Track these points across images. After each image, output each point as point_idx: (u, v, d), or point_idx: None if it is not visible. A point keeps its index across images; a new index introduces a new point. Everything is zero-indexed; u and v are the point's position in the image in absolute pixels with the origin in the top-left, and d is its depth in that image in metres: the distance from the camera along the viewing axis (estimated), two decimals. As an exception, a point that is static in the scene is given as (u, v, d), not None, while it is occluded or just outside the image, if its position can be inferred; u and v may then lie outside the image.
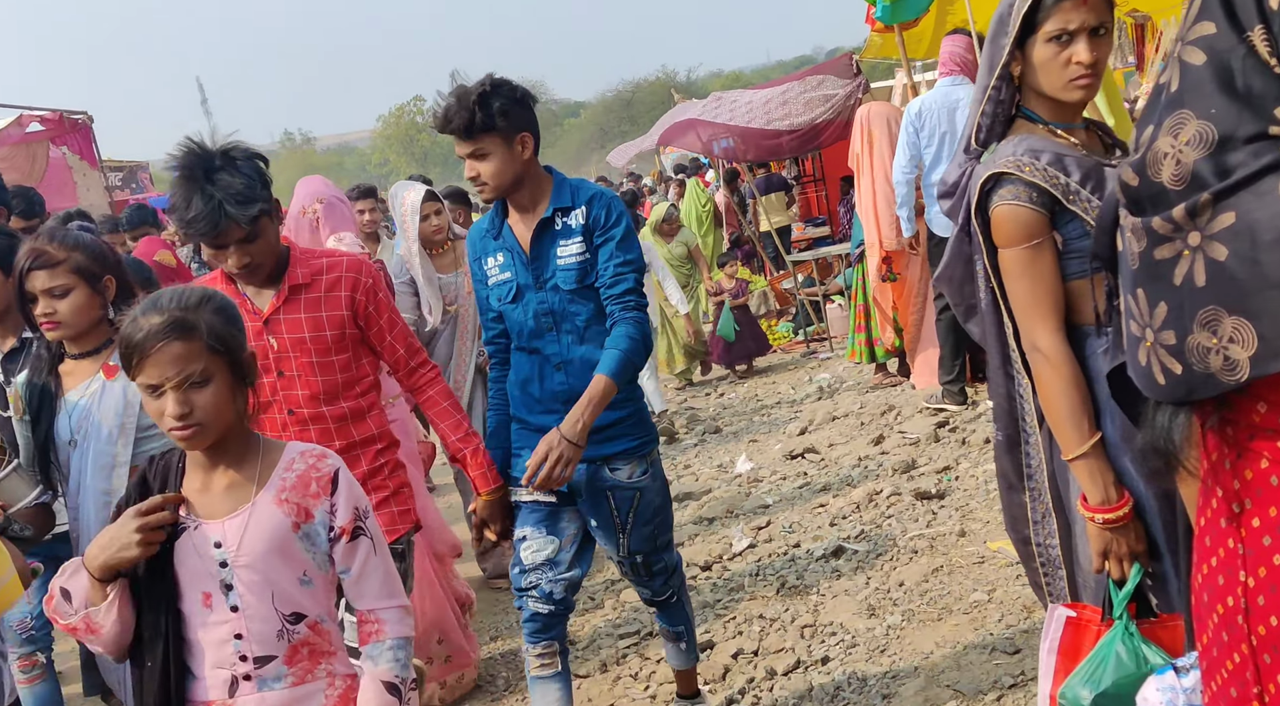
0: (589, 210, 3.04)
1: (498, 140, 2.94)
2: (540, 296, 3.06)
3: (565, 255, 3.03)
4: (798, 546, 5.04)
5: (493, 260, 3.14)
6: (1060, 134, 2.35)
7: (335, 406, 2.98)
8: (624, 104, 52.75)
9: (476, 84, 2.95)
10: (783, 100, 10.29)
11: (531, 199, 3.07)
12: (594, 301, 3.06)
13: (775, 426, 7.74)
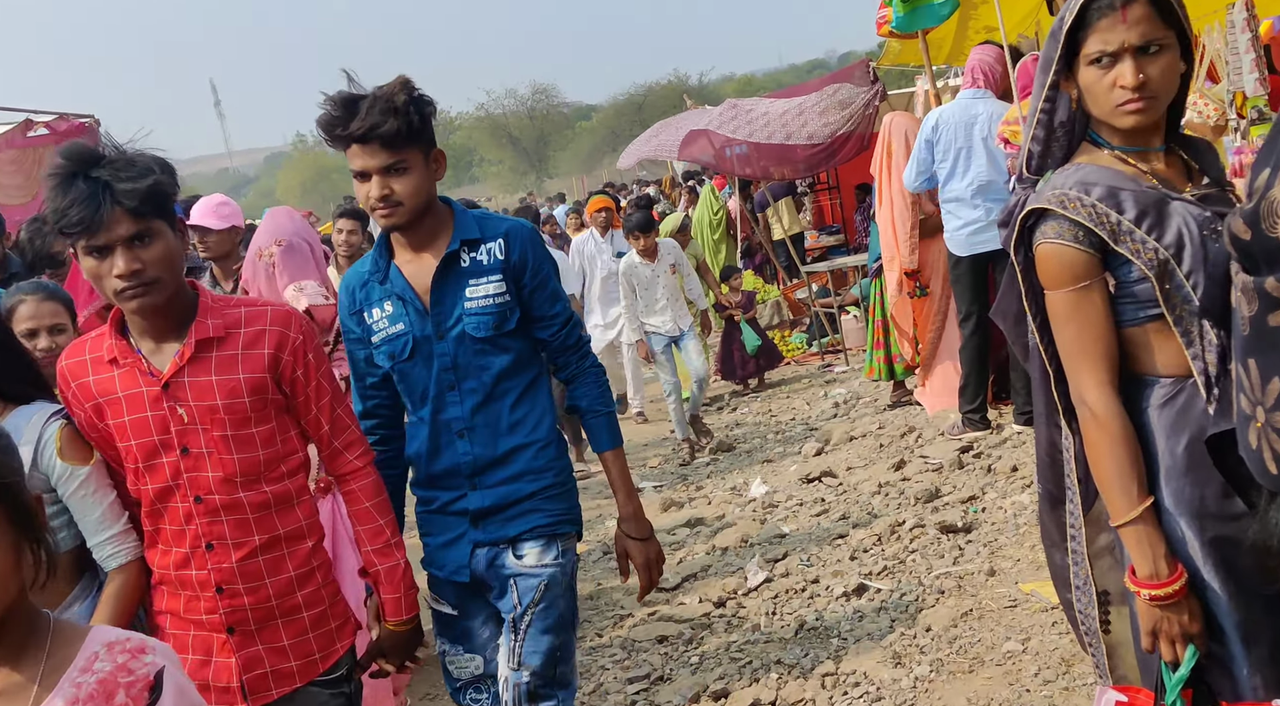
0: (509, 246, 2.62)
1: (419, 154, 2.56)
2: (441, 348, 2.61)
3: (477, 297, 2.59)
4: (816, 582, 4.78)
5: (378, 311, 2.66)
6: (1129, 161, 2.10)
7: (255, 491, 2.38)
8: (636, 107, 52.47)
9: (399, 86, 2.51)
10: (799, 110, 10.03)
11: (431, 232, 2.63)
12: (509, 352, 2.63)
13: (790, 446, 7.48)
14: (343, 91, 2.51)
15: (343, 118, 2.49)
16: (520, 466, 2.65)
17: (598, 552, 5.84)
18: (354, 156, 2.52)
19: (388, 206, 2.53)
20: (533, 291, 2.65)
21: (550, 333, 2.70)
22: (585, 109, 70.61)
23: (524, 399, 2.67)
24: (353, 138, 2.48)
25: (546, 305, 2.68)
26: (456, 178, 66.91)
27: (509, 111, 63.08)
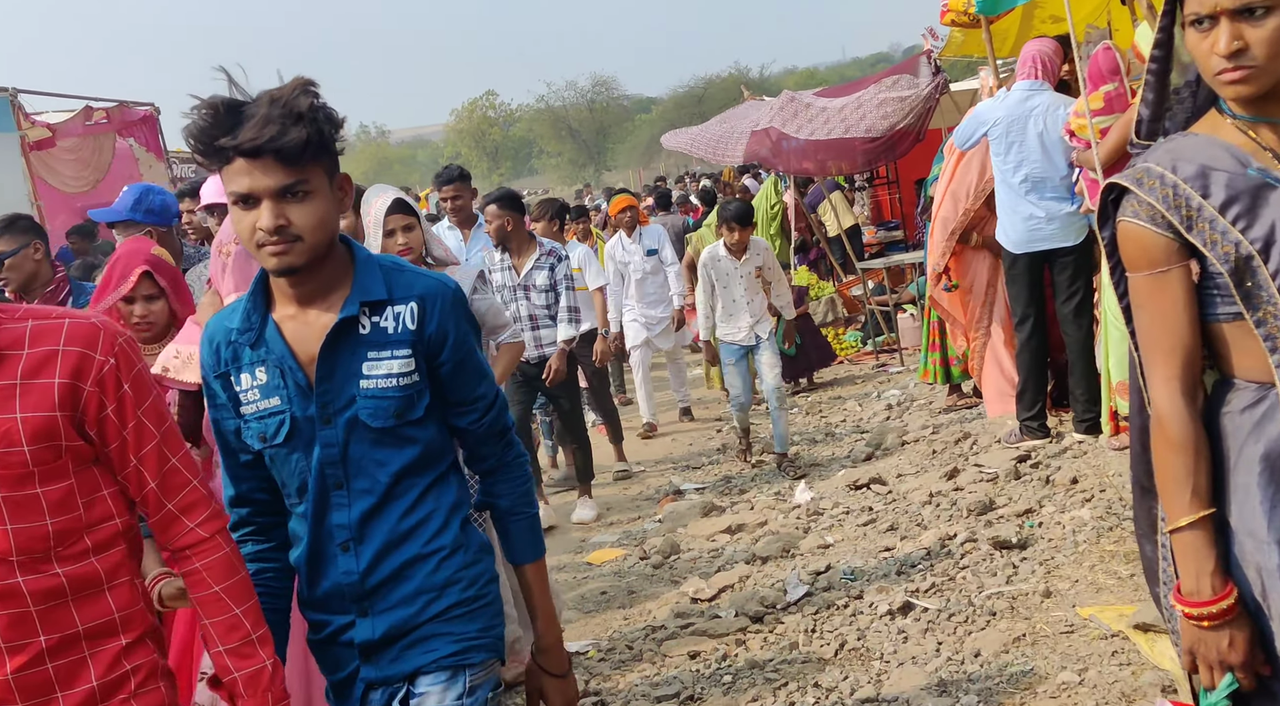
0: (424, 314, 2.04)
1: (323, 176, 1.97)
2: (327, 436, 2.03)
3: (377, 375, 2.02)
4: (860, 598, 4.54)
5: (248, 379, 2.06)
6: (1251, 132, 1.85)
7: (40, 574, 1.77)
8: (695, 100, 52.11)
9: (298, 87, 1.94)
10: (857, 103, 9.71)
11: (326, 283, 2.03)
12: (414, 445, 2.07)
13: (839, 449, 7.23)
14: (220, 95, 1.93)
15: (226, 124, 1.89)
16: (416, 584, 2.07)
17: (634, 557, 5.64)
18: (237, 176, 1.91)
19: (283, 242, 1.91)
20: (453, 371, 2.09)
21: (470, 420, 2.14)
22: (645, 101, 70.40)
23: (425, 497, 2.09)
24: (240, 150, 1.88)
25: (469, 386, 2.12)
26: (516, 170, 67.17)
27: (569, 104, 63.09)
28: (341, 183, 2.03)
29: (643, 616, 4.80)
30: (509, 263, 6.13)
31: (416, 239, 3.98)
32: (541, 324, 6.14)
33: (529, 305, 6.12)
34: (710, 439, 8.34)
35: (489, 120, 67.19)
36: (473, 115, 66.98)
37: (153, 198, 4.30)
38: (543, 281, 6.09)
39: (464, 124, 67.30)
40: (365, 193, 4.08)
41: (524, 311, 6.12)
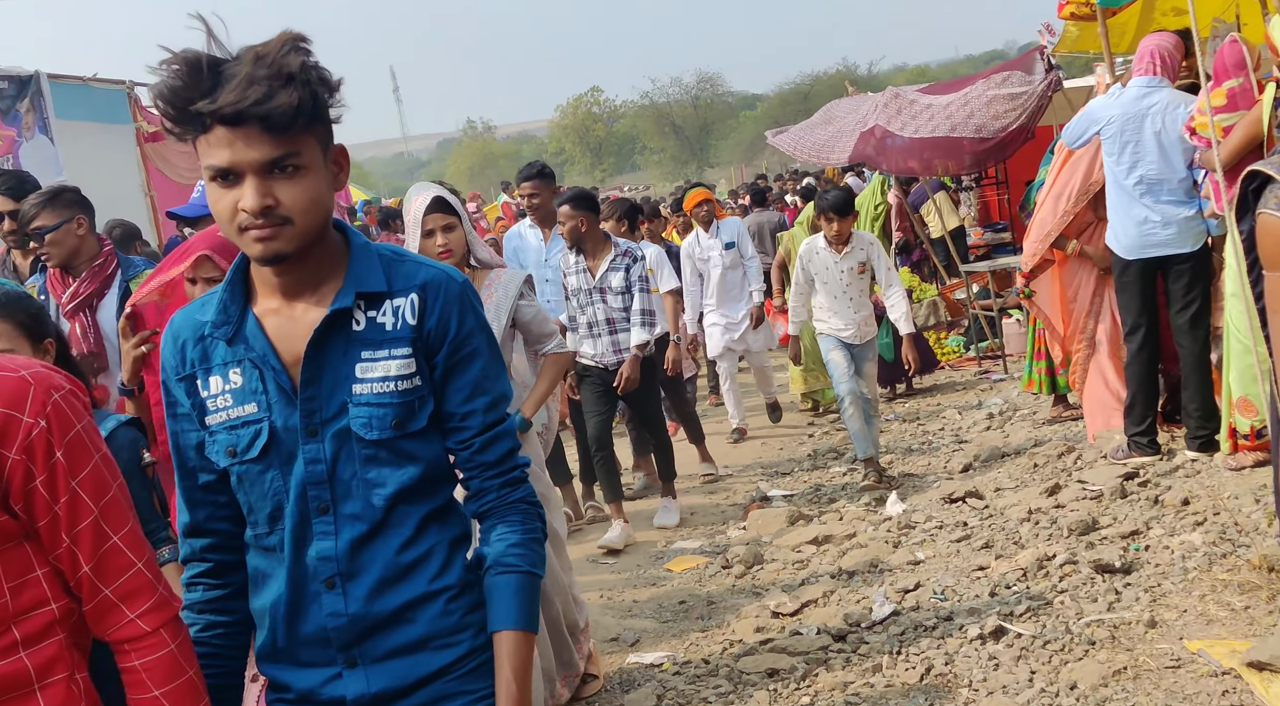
0: (425, 305, 1.77)
1: (316, 148, 1.69)
2: (312, 450, 1.75)
3: (372, 378, 1.75)
4: (949, 620, 4.32)
5: (219, 382, 1.78)
6: None
7: None
8: (801, 97, 51.56)
9: (287, 44, 1.62)
10: (964, 101, 9.38)
11: (316, 272, 1.76)
12: (416, 463, 1.78)
13: (935, 460, 6.97)
14: (196, 49, 1.61)
15: (203, 84, 1.59)
16: (422, 629, 1.77)
17: (716, 565, 5.49)
18: (215, 146, 1.62)
19: (269, 225, 1.64)
20: (447, 373, 1.79)
21: (459, 440, 1.81)
22: (750, 98, 70.03)
23: (428, 527, 1.80)
24: (219, 116, 1.59)
25: (463, 396, 1.80)
26: (618, 166, 67.36)
27: (673, 100, 63.09)
28: (337, 156, 1.75)
29: (721, 629, 4.65)
30: (584, 264, 5.94)
31: (458, 239, 3.78)
32: (619, 328, 5.95)
33: (605, 308, 5.93)
34: (801, 443, 8.13)
35: (593, 116, 67.49)
36: (577, 111, 67.39)
37: None
38: (618, 283, 5.89)
39: (569, 120, 67.76)
40: (409, 191, 3.97)
41: (601, 315, 5.93)
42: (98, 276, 4.01)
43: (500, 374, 1.86)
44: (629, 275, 5.89)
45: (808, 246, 6.49)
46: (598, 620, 4.85)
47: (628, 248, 6.00)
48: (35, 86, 10.62)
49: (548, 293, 6.19)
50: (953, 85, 10.78)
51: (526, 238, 6.39)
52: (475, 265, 3.93)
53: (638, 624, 4.80)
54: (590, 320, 5.92)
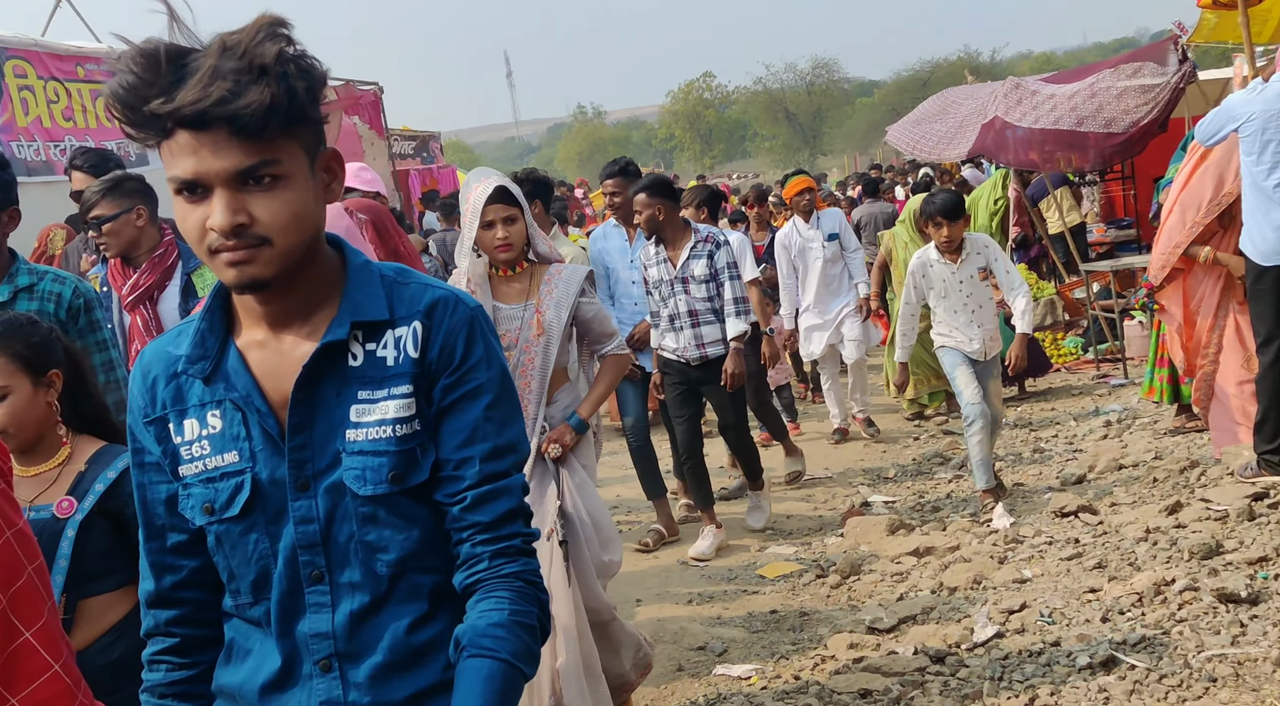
0: (428, 333, 1.53)
1: (300, 155, 1.43)
2: (303, 507, 1.51)
3: (368, 420, 1.50)
4: (1057, 645, 4.08)
5: (195, 426, 1.55)
6: None
7: None
8: (920, 84, 50.37)
9: (264, 30, 1.37)
10: (1091, 92, 8.96)
11: (308, 298, 1.52)
12: (420, 525, 1.54)
13: (1047, 469, 6.66)
14: (159, 38, 1.37)
15: (161, 81, 1.35)
16: None
17: (810, 574, 5.31)
18: (177, 154, 1.38)
19: (244, 246, 1.40)
20: (446, 410, 1.53)
21: (453, 490, 1.53)
22: (866, 85, 68.89)
23: (445, 602, 1.56)
24: (179, 117, 1.35)
25: (459, 438, 1.53)
26: (728, 152, 66.92)
27: (787, 86, 62.36)
28: (328, 163, 1.50)
29: (813, 642, 4.48)
30: (664, 254, 5.63)
31: (518, 232, 3.62)
32: (703, 320, 5.61)
33: (688, 299, 5.59)
34: (905, 447, 7.87)
35: (704, 102, 67.10)
36: (689, 97, 67.08)
37: None
38: (701, 271, 5.56)
39: (679, 105, 67.50)
40: (467, 176, 3.77)
41: (683, 307, 5.60)
42: (158, 268, 3.88)
43: (512, 420, 1.57)
44: (713, 262, 5.57)
45: (919, 261, 5.89)
46: (684, 627, 4.73)
47: (709, 233, 5.68)
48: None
49: (634, 294, 5.96)
50: (1077, 73, 10.34)
51: (611, 237, 6.14)
52: (534, 260, 3.76)
53: (726, 633, 4.66)
54: (672, 313, 5.63)
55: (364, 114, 14.87)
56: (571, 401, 3.78)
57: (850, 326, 7.82)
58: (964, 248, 5.79)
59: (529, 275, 3.73)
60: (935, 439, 7.87)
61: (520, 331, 3.66)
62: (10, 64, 8.61)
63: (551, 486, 3.65)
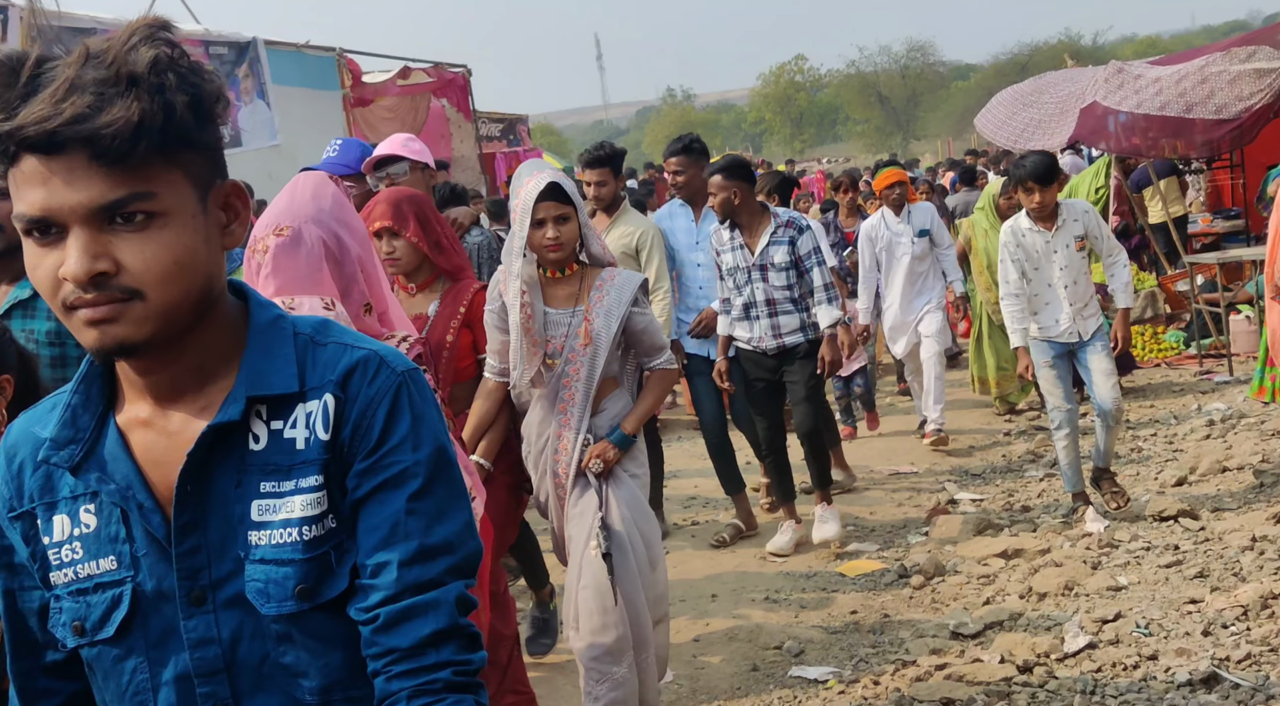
0: (343, 403, 1.24)
1: (185, 187, 1.17)
2: (199, 627, 1.23)
3: (274, 520, 1.22)
4: (1154, 659, 3.87)
5: (64, 521, 1.26)
6: None
7: None
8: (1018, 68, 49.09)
9: (140, 33, 1.14)
10: (1201, 77, 8.56)
11: (199, 365, 1.24)
12: (344, 644, 1.25)
13: (1145, 469, 6.38)
14: (20, 50, 1.14)
15: (11, 94, 1.11)
16: None
17: (893, 574, 5.14)
18: (24, 185, 1.13)
19: (105, 302, 1.14)
20: (361, 503, 1.23)
21: (365, 604, 1.22)
22: (963, 68, 67.59)
23: None
24: (22, 138, 1.10)
25: (375, 538, 1.23)
26: (819, 136, 66.19)
27: (880, 69, 61.43)
28: (227, 198, 1.23)
29: (894, 646, 4.33)
30: (740, 240, 5.33)
31: (570, 232, 3.40)
32: (780, 309, 5.33)
33: (766, 288, 5.30)
34: (995, 441, 7.62)
35: (796, 85, 66.39)
36: (780, 80, 66.45)
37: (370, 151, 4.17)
38: (782, 259, 5.26)
39: (770, 88, 66.90)
40: (518, 170, 3.58)
41: (760, 295, 5.31)
42: None
43: (448, 513, 1.25)
44: (795, 249, 5.27)
45: (1010, 231, 5.37)
46: (760, 625, 4.61)
47: (790, 218, 5.37)
48: (253, 52, 11.02)
49: (699, 277, 5.74)
50: (1184, 57, 9.91)
51: (676, 217, 5.89)
52: (585, 262, 3.54)
53: (803, 633, 4.53)
54: (748, 301, 5.35)
55: (452, 96, 14.94)
56: (620, 410, 3.54)
57: (929, 322, 7.35)
58: (1059, 214, 5.32)
59: (579, 278, 3.49)
60: (1027, 436, 7.60)
61: (566, 339, 3.44)
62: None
63: (593, 498, 3.44)
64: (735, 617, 4.75)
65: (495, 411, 3.57)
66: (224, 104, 1.18)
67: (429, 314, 3.55)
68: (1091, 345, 5.36)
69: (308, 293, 2.12)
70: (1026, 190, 5.26)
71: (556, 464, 3.49)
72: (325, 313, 2.09)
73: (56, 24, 8.22)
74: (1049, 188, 5.22)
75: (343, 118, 12.43)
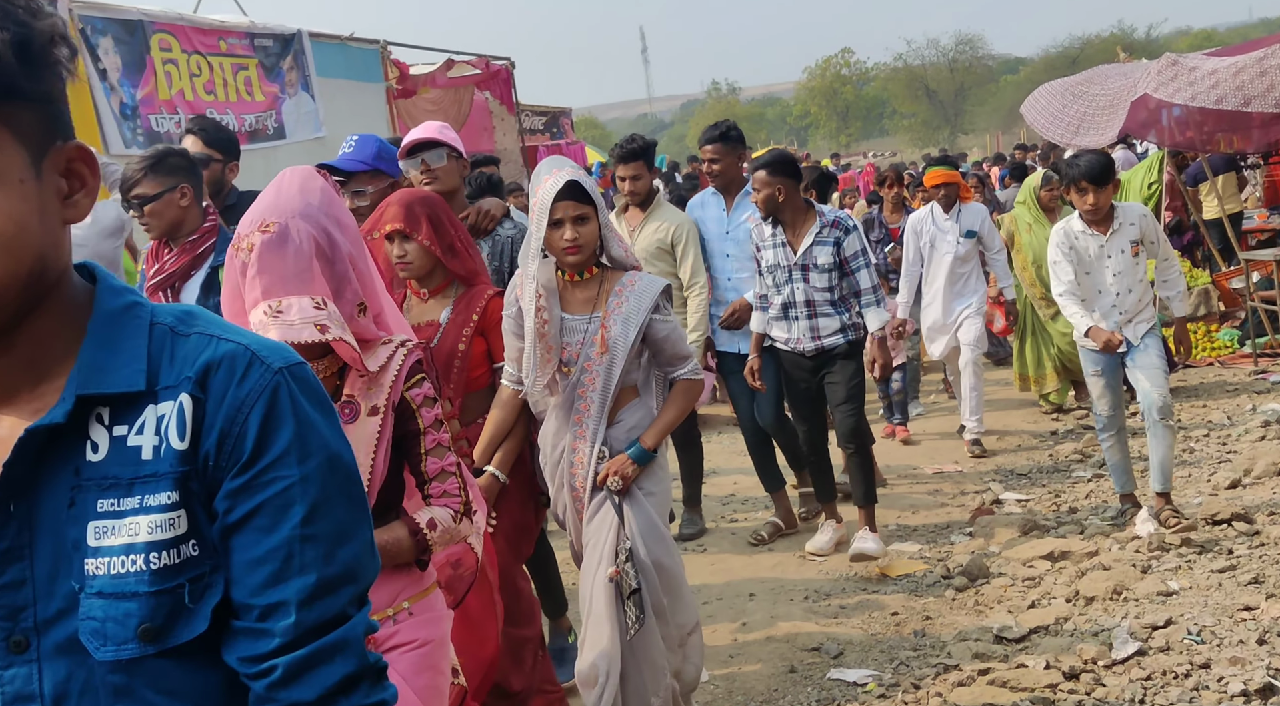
0: (203, 406, 1.05)
1: (10, 146, 1.00)
2: (17, 677, 1.03)
3: (113, 545, 1.02)
4: (1207, 668, 3.75)
5: None
6: None
7: None
8: (1069, 62, 48.38)
9: None
10: (1260, 70, 8.31)
11: (33, 360, 1.07)
12: (200, 699, 1.06)
13: (1197, 471, 6.22)
14: None
15: None
16: None
17: (935, 575, 5.03)
18: None
19: None
20: (234, 529, 1.05)
21: (253, 653, 1.05)
22: (1013, 62, 66.81)
23: None
24: None
25: (262, 574, 1.04)
26: (865, 130, 65.67)
27: (928, 63, 60.87)
28: (70, 163, 1.06)
29: (935, 649, 4.23)
30: (782, 238, 5.14)
31: (590, 234, 3.20)
32: (820, 311, 5.12)
33: (806, 289, 5.10)
34: (1042, 440, 7.46)
35: (842, 78, 65.95)
36: (826, 73, 66.03)
37: (388, 147, 3.91)
38: (826, 260, 5.06)
39: (816, 82, 66.50)
40: (538, 166, 3.36)
41: (799, 296, 5.12)
42: (188, 253, 3.57)
43: (349, 533, 1.08)
44: (841, 250, 5.06)
45: (1062, 233, 5.12)
46: (798, 625, 4.53)
47: (836, 218, 5.15)
48: (297, 45, 11.06)
49: (728, 269, 5.60)
50: (1241, 49, 9.64)
51: (708, 206, 5.74)
52: (607, 265, 3.34)
53: (843, 634, 4.44)
54: (787, 301, 5.16)
55: (495, 89, 14.93)
56: (638, 421, 3.34)
57: (968, 329, 7.15)
58: (1114, 217, 5.05)
59: (598, 282, 3.30)
60: (1074, 435, 7.44)
61: (582, 347, 3.25)
62: (156, 38, 8.84)
63: (612, 518, 3.25)
64: (773, 617, 4.66)
65: (512, 420, 3.40)
66: (66, 50, 1.01)
67: (441, 320, 3.37)
68: (1141, 347, 5.11)
69: (297, 292, 2.02)
70: (1080, 191, 4.98)
71: (573, 476, 3.33)
72: (317, 312, 2.01)
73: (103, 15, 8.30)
74: (1104, 189, 4.95)
75: (386, 110, 12.45)
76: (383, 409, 2.15)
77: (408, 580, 2.20)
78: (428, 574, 2.26)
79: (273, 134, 10.43)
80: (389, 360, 2.17)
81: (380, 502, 2.16)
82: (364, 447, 2.12)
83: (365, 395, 2.15)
